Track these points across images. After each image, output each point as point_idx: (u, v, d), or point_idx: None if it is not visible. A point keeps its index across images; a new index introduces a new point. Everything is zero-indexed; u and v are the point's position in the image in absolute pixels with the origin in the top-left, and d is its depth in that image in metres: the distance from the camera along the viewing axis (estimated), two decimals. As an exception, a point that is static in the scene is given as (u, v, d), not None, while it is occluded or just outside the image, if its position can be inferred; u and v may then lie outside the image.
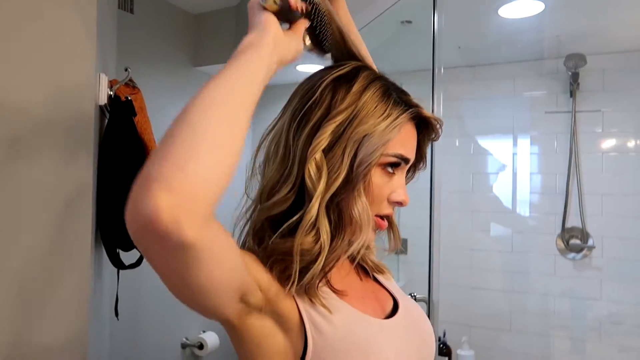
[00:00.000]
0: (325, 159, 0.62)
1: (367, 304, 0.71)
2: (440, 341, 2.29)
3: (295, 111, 0.66)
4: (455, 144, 2.53)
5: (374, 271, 0.79)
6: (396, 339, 0.67)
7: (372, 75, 0.67)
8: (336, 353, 0.61)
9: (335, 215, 0.64)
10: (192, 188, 0.44)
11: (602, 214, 2.25)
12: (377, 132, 0.62)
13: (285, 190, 0.64)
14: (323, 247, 0.61)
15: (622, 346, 2.17)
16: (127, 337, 2.12)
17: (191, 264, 0.47)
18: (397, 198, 0.67)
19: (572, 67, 2.25)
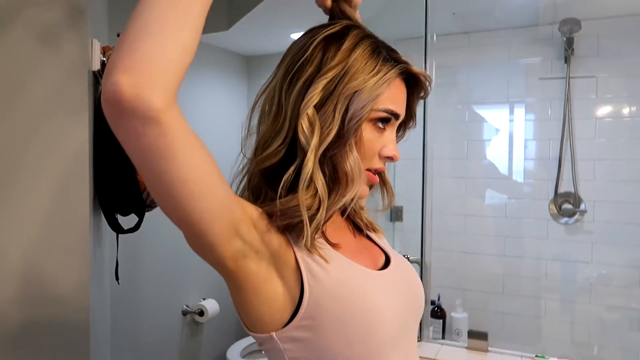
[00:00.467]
0: (317, 115, 0.64)
1: (360, 257, 0.73)
2: (435, 304, 2.35)
3: (287, 69, 0.68)
4: (450, 111, 2.54)
5: (367, 229, 0.82)
6: (388, 290, 0.70)
7: (362, 33, 0.69)
8: (332, 299, 0.63)
9: (330, 169, 0.66)
10: (146, 64, 0.47)
11: (594, 179, 2.28)
12: (367, 88, 0.64)
13: (277, 144, 0.66)
14: (322, 200, 0.64)
15: (609, 306, 2.23)
16: (129, 305, 2.17)
17: (165, 147, 0.49)
18: (388, 153, 0.70)
19: (567, 32, 2.24)
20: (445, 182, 2.49)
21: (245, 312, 0.67)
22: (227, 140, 2.74)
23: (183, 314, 2.52)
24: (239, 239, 0.60)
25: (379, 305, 0.66)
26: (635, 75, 2.19)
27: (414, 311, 0.75)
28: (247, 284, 0.64)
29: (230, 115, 2.75)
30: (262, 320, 0.66)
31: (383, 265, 0.76)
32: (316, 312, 0.63)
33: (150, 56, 0.47)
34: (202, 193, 0.54)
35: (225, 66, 2.71)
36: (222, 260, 0.61)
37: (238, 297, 0.66)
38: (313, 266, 0.64)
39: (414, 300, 0.75)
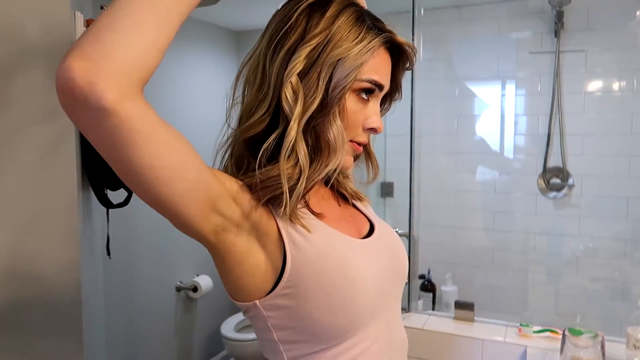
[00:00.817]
0: (300, 83, 0.64)
1: (344, 226, 0.74)
2: (425, 278, 2.39)
3: (271, 37, 0.67)
4: (440, 86, 2.54)
5: (353, 198, 0.82)
6: (371, 258, 0.71)
7: (345, 1, 0.68)
8: (314, 267, 0.64)
9: (312, 139, 0.66)
10: (108, 55, 0.46)
11: (582, 154, 2.30)
12: (350, 56, 0.64)
13: (261, 112, 0.66)
14: (303, 170, 0.64)
15: (594, 277, 2.28)
16: (123, 282, 2.19)
17: (124, 137, 0.49)
18: (372, 124, 0.69)
19: (557, 5, 2.23)
20: (436, 157, 2.51)
21: (229, 281, 0.68)
22: (216, 115, 2.73)
23: (177, 290, 2.55)
24: (217, 215, 0.60)
25: (361, 273, 0.66)
26: (625, 49, 2.19)
27: (397, 279, 0.76)
28: (229, 255, 0.65)
29: (220, 91, 2.74)
30: (245, 289, 0.67)
31: (367, 234, 0.77)
32: (298, 281, 0.64)
33: (113, 48, 0.46)
34: (169, 179, 0.53)
35: (214, 41, 2.68)
36: (203, 235, 0.62)
37: (222, 268, 0.67)
38: (295, 236, 0.65)
39: (397, 269, 0.76)
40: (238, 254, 0.65)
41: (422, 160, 1.89)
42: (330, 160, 0.66)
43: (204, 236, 0.62)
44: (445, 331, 1.56)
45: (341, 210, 0.79)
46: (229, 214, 0.62)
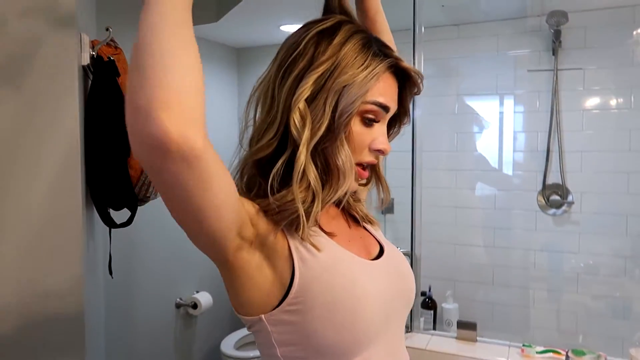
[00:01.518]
0: (308, 109, 0.65)
1: (353, 246, 0.75)
2: (426, 295, 2.38)
3: (281, 62, 0.70)
4: (440, 103, 2.56)
5: (364, 221, 0.83)
6: (379, 279, 0.71)
7: (353, 28, 0.70)
8: (321, 284, 0.65)
9: (322, 163, 0.68)
10: (183, 100, 0.47)
11: (581, 171, 2.31)
12: (356, 82, 0.65)
13: (269, 136, 0.67)
14: (316, 193, 0.66)
15: (595, 295, 2.28)
16: (122, 298, 2.17)
17: (205, 180, 0.51)
18: (379, 146, 0.70)
19: (554, 24, 2.26)
20: (436, 174, 2.51)
21: (236, 295, 0.69)
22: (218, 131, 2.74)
23: (176, 307, 2.53)
24: (239, 236, 0.62)
25: (368, 293, 0.67)
26: (622, 67, 2.22)
27: (402, 303, 0.76)
28: (242, 272, 0.66)
29: (221, 107, 2.75)
30: (252, 303, 0.67)
31: (377, 256, 0.78)
32: (305, 297, 0.64)
33: (182, 91, 0.47)
34: (224, 209, 0.57)
35: (215, 58, 2.70)
36: (224, 255, 0.63)
37: (231, 284, 0.68)
38: (304, 253, 0.66)
39: (403, 293, 0.76)
40: (249, 270, 0.66)
41: (423, 176, 1.90)
42: (341, 184, 0.68)
43: (225, 256, 0.64)
44: (448, 352, 1.56)
45: (351, 231, 0.80)
46: (247, 235, 0.64)
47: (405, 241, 1.84)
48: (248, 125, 0.73)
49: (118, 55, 1.26)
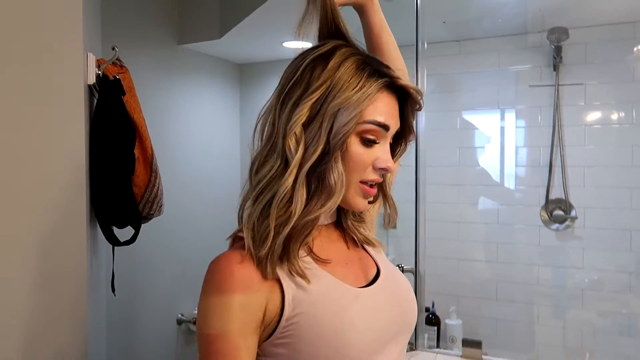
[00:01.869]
0: (304, 133, 0.66)
1: (349, 270, 0.74)
2: (429, 311, 2.36)
3: (280, 91, 0.71)
4: (442, 118, 2.57)
5: (363, 243, 0.82)
6: (371, 308, 0.71)
7: (348, 51, 0.70)
8: (308, 318, 0.65)
9: (316, 183, 0.68)
10: None
11: (584, 186, 2.31)
12: (350, 104, 0.65)
13: (270, 165, 0.68)
14: (293, 213, 0.66)
15: (600, 311, 2.26)
16: (124, 314, 2.16)
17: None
18: (381, 165, 0.70)
19: (555, 40, 2.28)
20: (438, 189, 2.51)
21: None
22: (220, 146, 2.75)
23: (178, 323, 2.51)
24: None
25: (355, 327, 0.67)
26: (623, 82, 2.23)
27: (400, 327, 0.75)
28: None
29: (224, 122, 2.76)
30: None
31: (374, 278, 0.77)
32: (292, 331, 0.65)
33: None
34: None
35: (218, 74, 2.72)
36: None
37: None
38: (292, 286, 0.66)
39: (401, 316, 0.75)
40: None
41: (426, 191, 1.89)
42: (327, 201, 0.68)
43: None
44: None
45: (349, 253, 0.79)
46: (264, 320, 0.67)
47: (408, 256, 1.83)
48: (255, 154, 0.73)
49: (123, 74, 1.26)
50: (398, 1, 1.97)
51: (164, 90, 2.26)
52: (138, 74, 1.45)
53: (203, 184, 2.52)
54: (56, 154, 1.01)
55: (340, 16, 0.74)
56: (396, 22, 2.12)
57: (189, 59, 2.40)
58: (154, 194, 1.32)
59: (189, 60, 2.41)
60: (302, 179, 0.66)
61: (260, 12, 1.95)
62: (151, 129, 1.40)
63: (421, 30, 1.86)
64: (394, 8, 2.00)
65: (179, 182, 2.34)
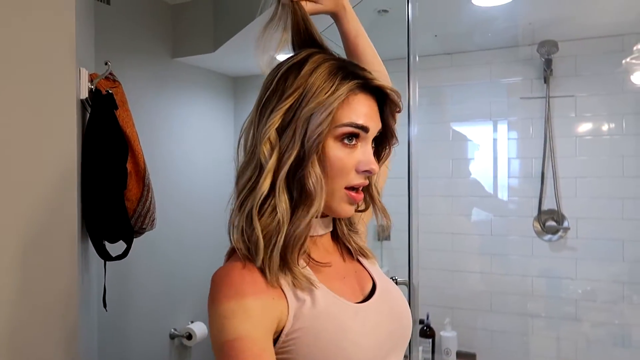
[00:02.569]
0: (279, 140, 0.66)
1: (346, 284, 0.74)
2: (424, 323, 2.35)
3: (258, 102, 0.71)
4: (435, 130, 2.58)
5: (357, 254, 0.81)
6: (370, 323, 0.70)
7: (321, 58, 0.69)
8: (308, 335, 0.64)
9: (298, 191, 0.67)
10: None
11: (576, 196, 2.33)
12: (322, 106, 0.65)
13: (249, 174, 0.68)
14: (282, 222, 0.65)
15: (595, 322, 2.26)
16: (116, 329, 2.13)
17: None
18: (364, 167, 0.69)
19: (545, 53, 2.31)
20: (431, 201, 2.52)
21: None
22: (214, 160, 2.75)
23: (171, 338, 2.48)
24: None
25: (356, 344, 0.66)
26: (612, 94, 2.26)
27: (396, 342, 0.75)
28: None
29: (218, 135, 2.76)
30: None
31: (370, 292, 0.76)
32: (292, 346, 0.64)
33: None
34: None
35: (212, 87, 2.72)
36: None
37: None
38: (294, 300, 0.66)
39: (397, 331, 0.75)
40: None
41: (419, 203, 1.90)
42: (311, 207, 0.67)
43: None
44: (448, 382, 1.53)
45: (345, 266, 0.78)
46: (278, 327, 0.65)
47: (402, 268, 1.83)
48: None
49: (116, 88, 1.27)
50: (390, 14, 1.99)
51: (157, 104, 2.26)
52: (132, 88, 1.45)
53: (196, 198, 2.51)
54: (48, 169, 1.01)
55: (312, 24, 0.75)
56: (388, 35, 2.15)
57: (182, 72, 2.41)
58: (146, 208, 1.31)
59: (182, 74, 2.41)
60: (280, 185, 0.66)
61: (254, 26, 1.96)
62: (144, 142, 1.40)
63: (413, 43, 1.88)
64: (386, 21, 2.03)
65: (172, 197, 2.33)
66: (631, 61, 2.15)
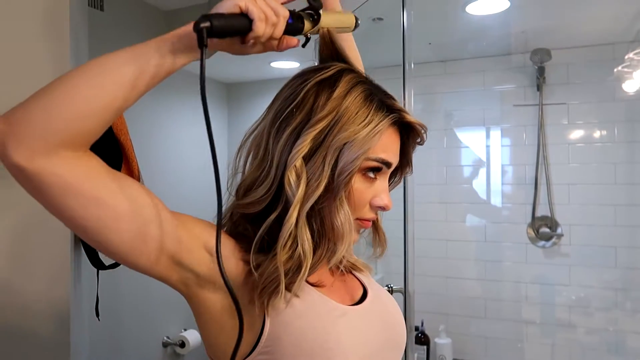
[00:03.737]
0: (305, 167, 0.62)
1: (335, 291, 0.71)
2: (419, 330, 2.35)
3: (277, 113, 0.66)
4: (429, 137, 2.58)
5: (348, 270, 0.79)
6: (358, 327, 0.68)
7: (355, 79, 0.66)
8: (292, 333, 0.62)
9: (318, 224, 0.64)
10: (26, 121, 0.51)
11: (569, 203, 2.34)
12: (358, 140, 0.61)
13: (262, 192, 0.64)
14: (306, 258, 0.62)
15: (588, 328, 2.27)
16: (108, 337, 2.11)
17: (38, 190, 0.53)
18: (380, 203, 0.67)
19: (538, 61, 2.33)
20: (426, 207, 2.52)
21: (206, 338, 0.67)
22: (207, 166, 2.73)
23: (164, 346, 2.46)
24: (182, 269, 0.61)
25: (342, 344, 0.64)
26: (604, 102, 2.28)
27: (389, 350, 0.73)
28: (205, 310, 0.65)
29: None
30: (222, 349, 0.65)
31: (360, 299, 0.74)
32: (275, 347, 0.62)
33: (32, 115, 0.51)
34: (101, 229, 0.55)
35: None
36: (170, 284, 0.63)
37: (199, 323, 0.67)
38: (279, 303, 0.63)
39: (390, 339, 0.73)
40: (215, 311, 0.64)
41: (414, 210, 1.89)
42: (338, 248, 0.65)
43: (172, 285, 0.63)
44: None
45: (332, 278, 0.75)
46: (203, 271, 0.62)
47: (397, 275, 1.83)
48: (237, 172, 0.70)
49: (110, 94, 1.25)
50: (385, 22, 2.00)
51: (151, 111, 2.25)
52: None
53: (189, 205, 2.48)
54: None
55: (339, 40, 0.69)
56: (383, 42, 2.16)
57: (176, 78, 2.37)
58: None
59: (176, 80, 2.39)
60: (303, 218, 0.62)
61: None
62: (138, 149, 1.39)
63: (408, 51, 1.89)
64: (381, 29, 2.04)
65: (165, 204, 2.31)
66: (622, 69, 2.17)
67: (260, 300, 0.62)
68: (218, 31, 0.56)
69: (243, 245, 0.66)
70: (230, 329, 0.63)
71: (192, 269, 0.61)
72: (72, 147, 0.52)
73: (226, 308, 0.63)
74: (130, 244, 0.57)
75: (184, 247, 0.60)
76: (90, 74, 0.54)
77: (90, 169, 0.55)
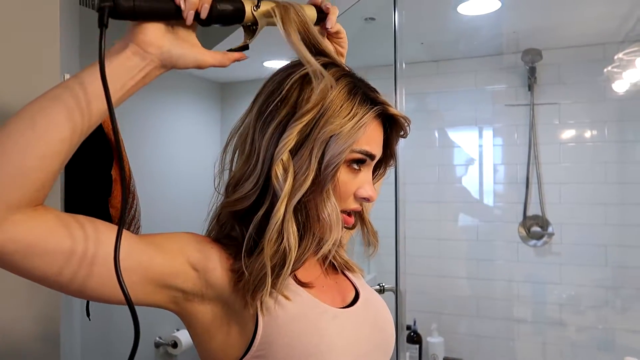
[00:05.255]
0: (292, 160, 0.62)
1: (327, 293, 0.72)
2: (411, 329, 2.36)
3: (261, 107, 0.66)
4: (421, 136, 2.60)
5: (342, 268, 0.80)
6: (350, 329, 0.68)
7: (338, 72, 0.66)
8: (285, 336, 0.62)
9: (303, 217, 0.64)
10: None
11: (560, 202, 2.36)
12: (343, 132, 0.62)
13: (249, 187, 0.64)
14: (290, 251, 0.62)
15: (579, 326, 2.29)
16: (99, 338, 2.10)
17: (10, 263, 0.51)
18: (364, 194, 0.68)
19: (529, 61, 2.34)
20: (419, 207, 2.53)
21: (198, 344, 0.67)
22: (200, 166, 2.73)
23: (156, 347, 2.45)
24: (170, 289, 0.61)
25: (334, 345, 0.64)
26: (595, 102, 2.30)
27: (379, 352, 0.73)
28: (195, 321, 0.65)
29: (204, 141, 2.75)
30: (215, 354, 0.65)
31: (352, 301, 0.75)
32: (268, 350, 0.62)
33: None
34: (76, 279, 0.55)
35: (199, 93, 2.71)
36: (161, 307, 0.63)
37: (190, 333, 0.67)
38: (270, 303, 0.63)
39: (379, 341, 0.74)
40: (206, 321, 0.64)
41: (406, 209, 1.90)
42: (327, 239, 0.65)
43: (162, 307, 0.63)
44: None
45: (325, 279, 0.76)
46: (189, 287, 0.62)
47: (388, 274, 1.83)
48: (225, 169, 0.70)
49: (101, 94, 1.25)
50: (377, 22, 2.01)
51: (144, 110, 2.24)
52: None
53: (182, 205, 2.49)
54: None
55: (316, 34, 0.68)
56: (375, 42, 2.16)
57: (169, 78, 2.37)
58: (131, 216, 1.30)
59: (169, 80, 2.40)
60: (290, 211, 0.62)
61: (242, 32, 1.96)
62: (130, 149, 1.38)
63: (400, 51, 1.89)
64: (373, 29, 2.05)
65: (157, 204, 2.31)
66: (612, 69, 2.19)
67: (254, 299, 0.62)
68: (123, 11, 0.57)
69: (231, 251, 0.66)
70: (223, 335, 0.64)
71: (179, 288, 0.62)
72: (24, 206, 0.51)
73: (217, 317, 0.64)
74: (113, 284, 0.54)
75: (166, 270, 0.60)
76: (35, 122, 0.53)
77: (48, 221, 0.53)
